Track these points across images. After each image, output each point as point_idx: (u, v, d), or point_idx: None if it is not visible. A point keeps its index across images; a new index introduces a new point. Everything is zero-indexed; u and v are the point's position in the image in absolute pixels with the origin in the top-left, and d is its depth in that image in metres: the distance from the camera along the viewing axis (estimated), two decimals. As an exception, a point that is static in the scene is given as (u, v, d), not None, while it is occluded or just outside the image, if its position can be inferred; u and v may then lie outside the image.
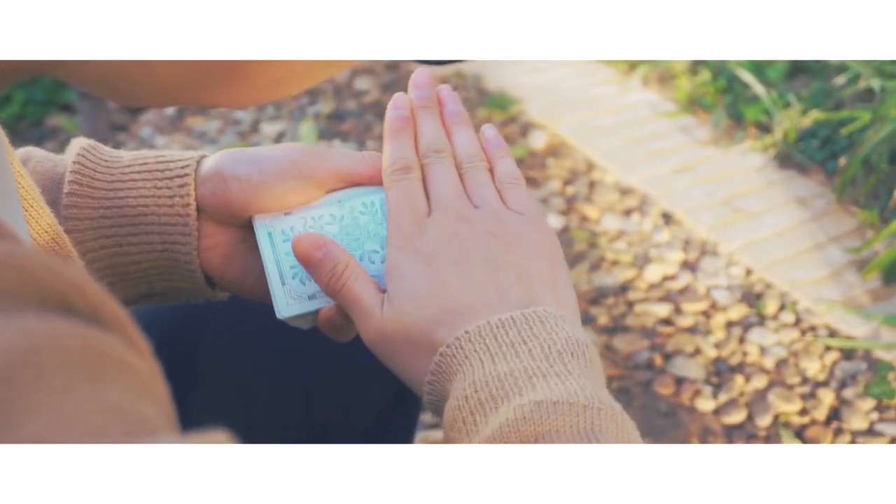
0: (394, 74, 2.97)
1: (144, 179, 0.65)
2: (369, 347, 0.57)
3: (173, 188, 0.64)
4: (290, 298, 0.63)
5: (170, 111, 2.76)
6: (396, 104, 0.65)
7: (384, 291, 0.58)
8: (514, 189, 0.62)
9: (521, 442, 0.46)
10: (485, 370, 0.50)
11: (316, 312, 0.63)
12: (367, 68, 3.01)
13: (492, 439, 0.47)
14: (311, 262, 0.59)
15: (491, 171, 0.63)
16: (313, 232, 0.61)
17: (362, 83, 2.92)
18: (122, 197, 0.64)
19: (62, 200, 0.64)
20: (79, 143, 0.67)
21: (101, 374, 0.26)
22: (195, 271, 0.66)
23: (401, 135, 0.63)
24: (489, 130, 0.66)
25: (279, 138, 2.61)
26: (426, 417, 1.65)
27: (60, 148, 2.57)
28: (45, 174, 0.65)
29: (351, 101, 2.81)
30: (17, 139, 2.62)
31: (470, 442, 0.49)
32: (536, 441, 0.46)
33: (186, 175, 0.64)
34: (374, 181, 0.65)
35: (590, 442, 0.46)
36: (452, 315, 0.54)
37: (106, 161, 0.66)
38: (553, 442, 0.46)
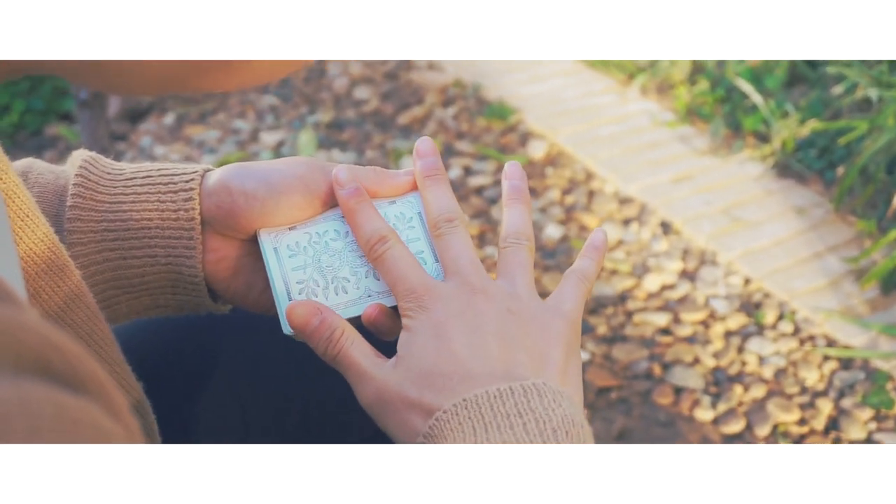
0: (393, 84, 2.98)
1: (148, 192, 0.65)
2: (365, 409, 0.57)
3: (178, 202, 0.64)
4: None
5: (169, 121, 2.77)
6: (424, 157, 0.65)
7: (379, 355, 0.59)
8: (576, 283, 0.63)
9: None
10: (476, 440, 0.50)
11: None
12: (366, 77, 3.02)
13: None
14: (306, 330, 0.59)
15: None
16: (307, 301, 0.61)
17: (362, 92, 2.92)
18: (126, 210, 0.64)
19: (65, 213, 0.64)
20: (80, 155, 0.67)
21: (72, 441, 0.26)
22: (199, 284, 0.66)
23: (436, 191, 0.64)
24: (599, 234, 0.69)
25: (278, 147, 2.61)
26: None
27: (60, 157, 2.58)
28: (46, 186, 0.65)
29: (350, 111, 2.82)
30: (17, 148, 2.62)
31: None
32: None
33: (191, 189, 0.64)
34: (378, 196, 0.65)
35: None
36: (454, 381, 0.54)
37: (109, 173, 0.66)
38: None
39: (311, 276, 0.63)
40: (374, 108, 2.82)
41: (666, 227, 2.23)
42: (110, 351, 0.61)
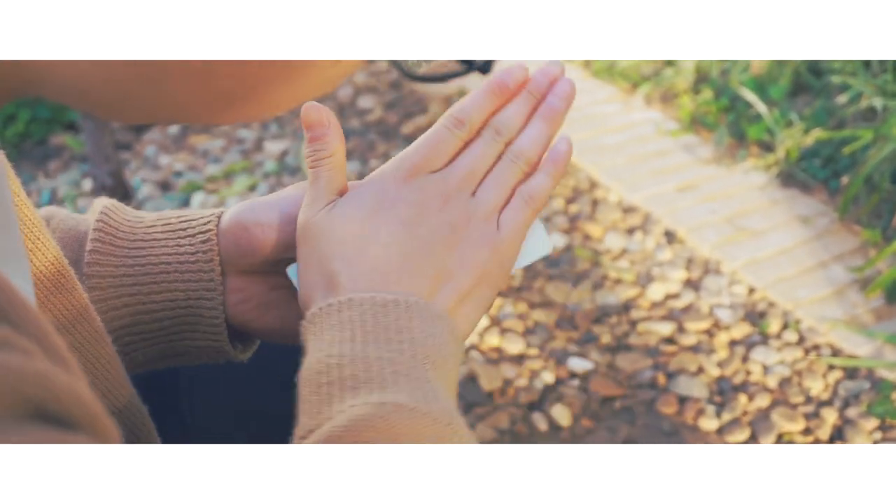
0: (397, 93, 2.98)
1: (167, 238, 0.65)
2: (297, 231, 0.59)
3: (196, 244, 0.65)
4: None
5: (173, 129, 2.77)
6: (510, 73, 0.63)
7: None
8: (521, 207, 0.60)
9: (368, 440, 0.47)
10: (354, 346, 0.51)
11: None
12: (370, 87, 3.02)
13: (344, 426, 0.47)
14: (310, 130, 0.60)
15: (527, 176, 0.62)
16: (326, 109, 0.61)
17: (366, 101, 2.93)
18: (145, 255, 0.65)
19: (84, 258, 0.64)
20: (101, 203, 0.67)
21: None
22: (220, 326, 0.66)
23: (488, 98, 0.62)
24: (563, 144, 0.64)
25: (282, 157, 2.62)
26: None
27: (64, 167, 2.58)
28: (67, 232, 0.66)
29: (354, 120, 2.82)
30: (22, 158, 2.62)
31: (320, 411, 0.49)
32: (383, 441, 0.47)
33: (209, 231, 0.65)
34: None
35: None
36: (358, 266, 0.55)
37: (128, 221, 0.66)
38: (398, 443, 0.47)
39: None
40: (378, 118, 2.83)
41: (670, 237, 2.23)
42: (115, 373, 0.61)
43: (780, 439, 1.66)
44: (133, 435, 0.64)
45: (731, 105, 2.72)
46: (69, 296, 0.58)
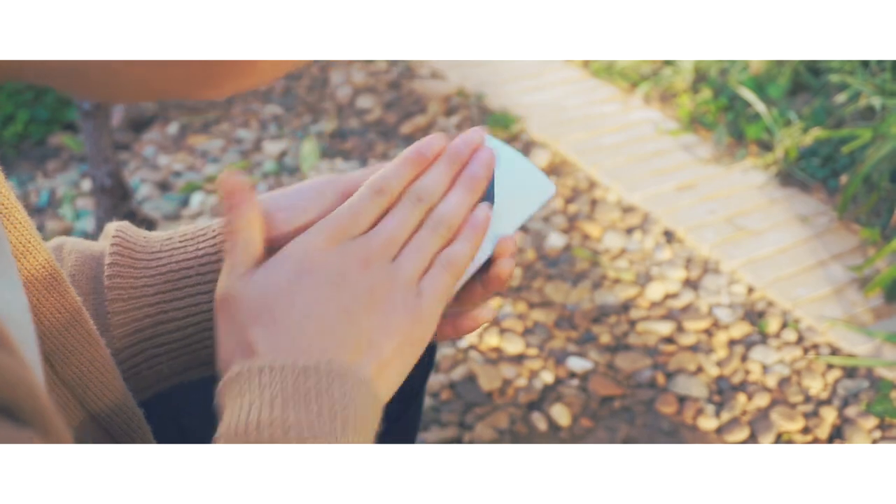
0: (396, 93, 2.98)
1: (186, 246, 0.66)
2: (215, 299, 0.58)
3: (217, 244, 0.65)
4: None
5: (172, 130, 2.77)
6: (428, 143, 0.63)
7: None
8: (440, 273, 0.60)
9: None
10: (273, 410, 0.50)
11: None
12: (369, 87, 3.02)
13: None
14: (226, 200, 0.59)
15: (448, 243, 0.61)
16: (242, 178, 0.60)
17: (365, 101, 2.93)
18: (165, 263, 0.65)
19: (104, 272, 0.64)
20: (114, 225, 0.67)
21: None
22: None
23: (407, 166, 0.62)
24: (481, 212, 0.62)
25: (281, 157, 2.61)
26: (428, 418, 1.65)
27: (63, 167, 2.58)
28: (83, 253, 0.66)
29: (353, 120, 2.82)
30: (21, 158, 2.62)
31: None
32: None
33: None
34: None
35: None
36: (278, 333, 0.54)
37: (145, 236, 0.67)
38: None
39: None
40: (377, 118, 2.83)
41: (669, 236, 2.23)
42: (109, 376, 0.61)
43: (779, 438, 1.66)
44: (128, 437, 0.64)
45: (730, 104, 2.72)
46: (61, 298, 0.58)
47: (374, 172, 0.65)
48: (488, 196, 0.64)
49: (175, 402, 0.78)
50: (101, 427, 0.62)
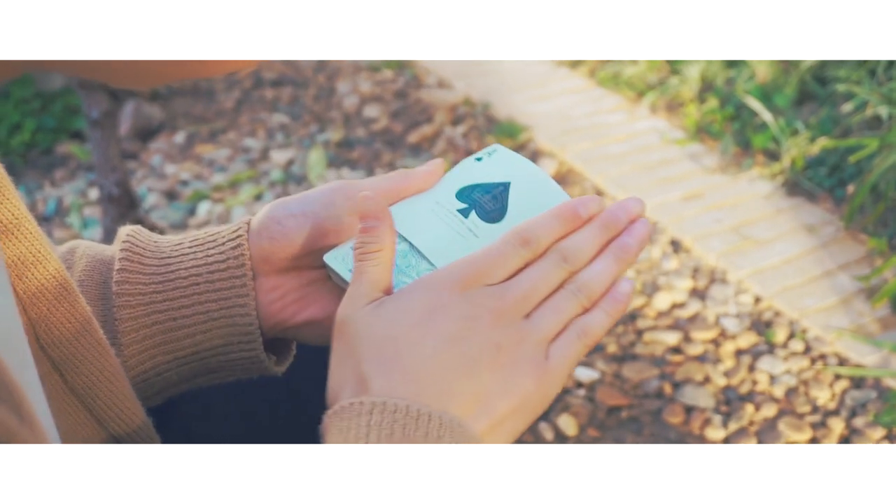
0: (403, 102, 2.98)
1: (195, 252, 0.65)
2: (335, 325, 0.56)
3: (226, 251, 0.65)
4: None
5: (179, 139, 2.78)
6: (585, 203, 0.60)
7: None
8: (573, 341, 0.56)
9: None
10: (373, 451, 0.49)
11: None
12: (376, 96, 3.03)
13: None
14: (363, 221, 0.58)
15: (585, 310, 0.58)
16: (380, 202, 0.59)
17: (371, 111, 2.93)
18: (174, 270, 0.65)
19: (113, 278, 0.64)
20: (126, 228, 0.67)
21: None
22: (253, 334, 0.65)
23: (558, 223, 0.58)
24: (626, 286, 0.58)
25: (288, 166, 2.62)
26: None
27: (71, 176, 2.59)
28: (94, 258, 0.66)
29: (360, 129, 2.82)
30: (28, 167, 2.63)
31: None
32: None
33: (239, 237, 0.65)
34: (404, 195, 0.65)
35: None
36: (395, 373, 0.52)
37: (155, 241, 0.67)
38: None
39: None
40: (383, 127, 2.83)
41: (676, 246, 2.22)
42: (119, 385, 0.61)
43: (786, 449, 1.66)
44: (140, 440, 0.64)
45: (737, 114, 2.72)
46: (71, 308, 0.58)
47: (384, 180, 0.65)
48: (503, 209, 0.63)
49: (184, 409, 0.78)
50: (110, 435, 0.62)
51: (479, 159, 0.67)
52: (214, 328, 0.65)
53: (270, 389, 0.78)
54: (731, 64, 2.91)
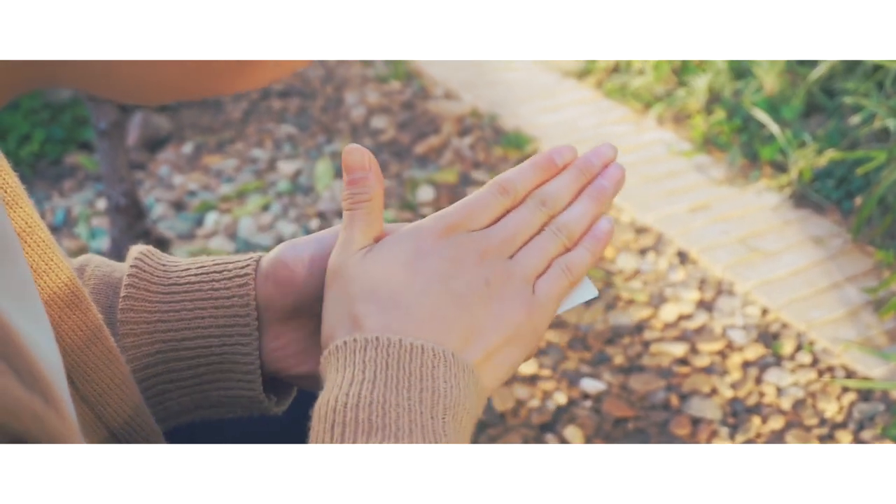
0: (410, 113, 2.99)
1: (202, 282, 0.65)
2: (327, 273, 0.58)
3: (232, 288, 0.64)
4: None
5: (187, 150, 2.79)
6: (559, 151, 0.63)
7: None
8: (558, 277, 0.59)
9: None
10: (375, 389, 0.51)
11: None
12: (383, 107, 3.04)
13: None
14: (350, 173, 0.59)
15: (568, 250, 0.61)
16: (366, 153, 0.60)
17: (378, 121, 2.94)
18: (179, 300, 0.64)
19: (118, 305, 0.64)
20: (137, 249, 0.67)
21: None
22: (254, 374, 0.65)
23: (534, 171, 0.61)
24: (606, 224, 0.62)
25: (296, 176, 2.62)
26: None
27: (79, 186, 2.60)
28: (102, 279, 0.66)
29: (367, 140, 2.83)
30: (37, 177, 2.64)
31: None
32: None
33: (246, 275, 0.64)
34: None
35: None
36: (389, 311, 0.54)
37: (163, 266, 0.66)
38: None
39: None
40: (390, 138, 2.83)
41: (683, 257, 2.22)
42: (129, 393, 0.61)
43: (794, 462, 1.65)
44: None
45: (744, 125, 2.72)
46: (83, 315, 0.58)
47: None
48: None
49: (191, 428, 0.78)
50: (119, 443, 0.63)
51: None
52: (216, 363, 0.64)
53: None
54: (739, 75, 2.91)
